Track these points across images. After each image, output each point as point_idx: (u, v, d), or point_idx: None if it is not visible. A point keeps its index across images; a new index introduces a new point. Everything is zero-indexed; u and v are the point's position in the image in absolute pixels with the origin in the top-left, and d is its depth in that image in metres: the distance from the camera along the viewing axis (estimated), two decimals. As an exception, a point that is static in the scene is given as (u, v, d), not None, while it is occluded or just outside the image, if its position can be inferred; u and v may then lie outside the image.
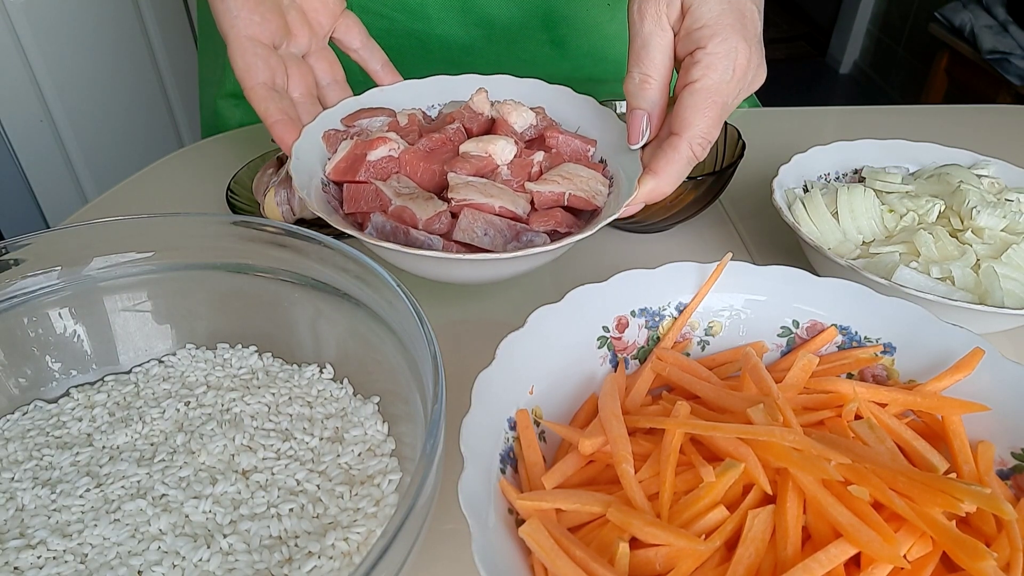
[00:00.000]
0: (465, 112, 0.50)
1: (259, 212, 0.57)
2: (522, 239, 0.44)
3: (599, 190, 0.46)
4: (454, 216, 0.43)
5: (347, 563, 0.32)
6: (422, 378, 0.33)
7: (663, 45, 0.43)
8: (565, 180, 0.45)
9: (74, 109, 1.46)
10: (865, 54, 2.98)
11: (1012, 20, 1.89)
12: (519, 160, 0.47)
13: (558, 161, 0.48)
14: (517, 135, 0.49)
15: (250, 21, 0.48)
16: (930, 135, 0.64)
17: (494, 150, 0.46)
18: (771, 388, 0.33)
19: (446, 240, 0.43)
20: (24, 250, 0.38)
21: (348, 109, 0.52)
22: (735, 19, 0.41)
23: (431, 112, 0.55)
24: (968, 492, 0.28)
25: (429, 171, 0.46)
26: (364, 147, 0.46)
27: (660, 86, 0.44)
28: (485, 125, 0.51)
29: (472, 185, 0.44)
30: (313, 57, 0.53)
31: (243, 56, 0.48)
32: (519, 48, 0.71)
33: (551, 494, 0.31)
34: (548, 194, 0.45)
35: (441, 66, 0.71)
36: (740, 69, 0.41)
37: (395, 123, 0.50)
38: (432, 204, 0.43)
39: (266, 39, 0.49)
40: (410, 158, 0.46)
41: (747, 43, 0.41)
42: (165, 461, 0.37)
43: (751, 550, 0.28)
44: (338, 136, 0.49)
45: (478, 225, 0.42)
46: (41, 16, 1.34)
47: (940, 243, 0.49)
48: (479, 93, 0.51)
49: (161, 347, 0.44)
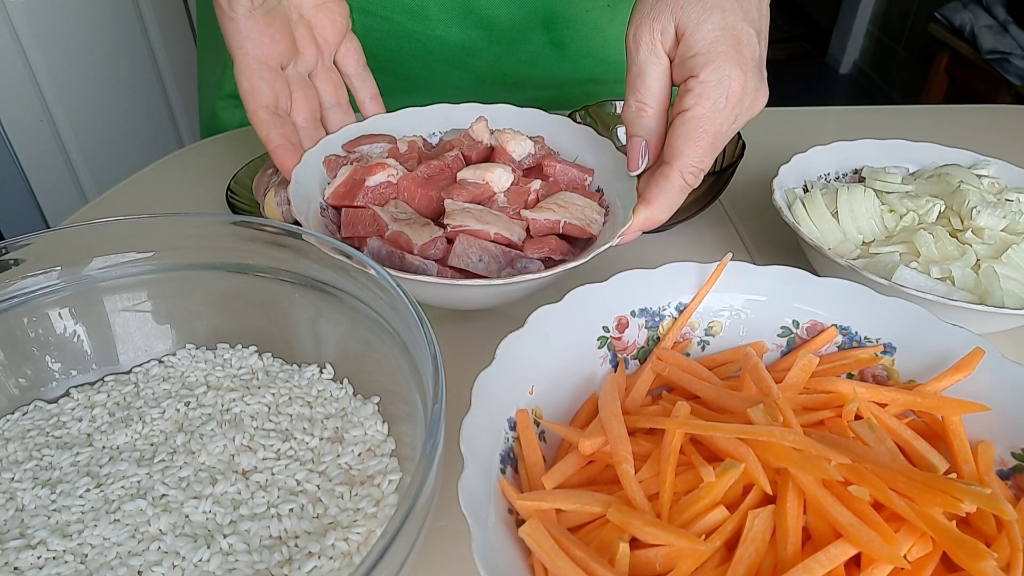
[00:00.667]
0: (464, 140, 0.51)
1: (259, 212, 0.57)
2: (516, 266, 0.44)
3: (594, 218, 0.47)
4: (450, 242, 0.44)
5: (347, 563, 0.32)
6: (422, 378, 0.33)
7: (658, 73, 0.42)
8: (561, 208, 0.46)
9: (74, 109, 1.46)
10: (865, 54, 2.98)
11: (1012, 20, 1.89)
12: (516, 188, 0.48)
13: (555, 189, 0.49)
14: (515, 163, 0.50)
15: (259, 42, 0.47)
16: (930, 135, 0.64)
17: (491, 178, 0.47)
18: (771, 388, 0.33)
19: (441, 266, 0.44)
20: (24, 250, 0.38)
21: (349, 135, 0.52)
22: (730, 46, 0.40)
23: (432, 139, 0.56)
24: (968, 492, 0.28)
25: (427, 197, 0.47)
26: (363, 172, 0.47)
27: (656, 113, 0.44)
28: (484, 153, 0.52)
29: (468, 212, 0.45)
30: (318, 77, 0.53)
31: (248, 78, 0.47)
32: (519, 49, 0.71)
33: (551, 494, 0.31)
34: (543, 222, 0.46)
35: (441, 67, 0.71)
36: (734, 97, 0.40)
37: (395, 149, 0.51)
38: (428, 230, 0.44)
39: (273, 61, 0.48)
40: (408, 184, 0.47)
41: (742, 70, 0.40)
42: (165, 461, 0.37)
43: (751, 550, 0.28)
44: (338, 161, 0.50)
45: (473, 251, 0.43)
46: (41, 16, 1.34)
47: (940, 243, 0.49)
48: (479, 122, 0.52)
49: (161, 347, 0.44)
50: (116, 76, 1.51)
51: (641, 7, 0.42)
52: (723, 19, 0.40)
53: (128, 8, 1.49)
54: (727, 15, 0.40)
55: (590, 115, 0.64)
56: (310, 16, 0.51)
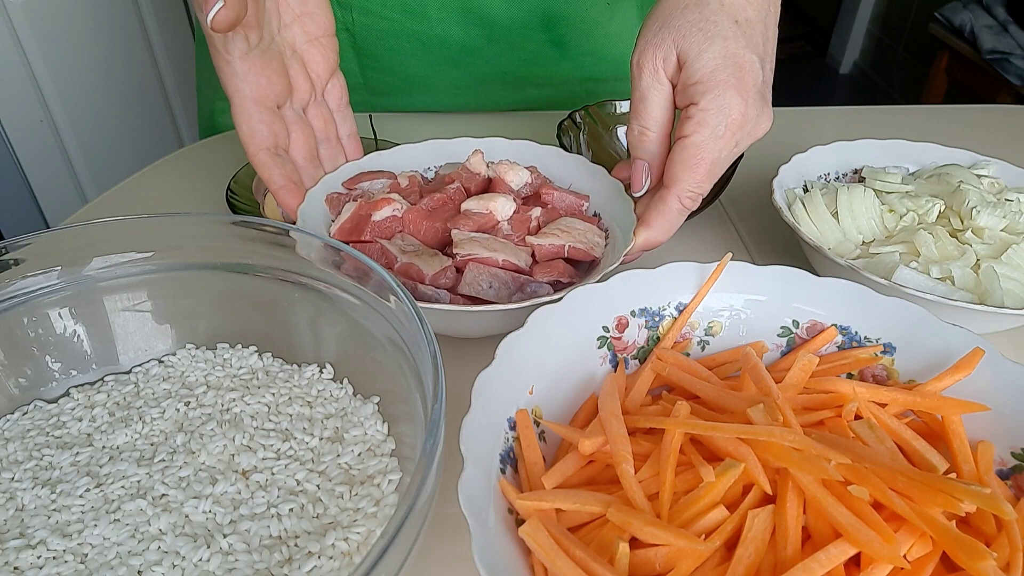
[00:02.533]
0: (463, 172, 0.53)
1: (259, 212, 0.57)
2: (526, 290, 0.45)
3: (596, 242, 0.48)
4: (459, 271, 0.45)
5: (347, 563, 0.32)
6: (422, 378, 0.33)
7: (660, 99, 0.44)
8: (564, 233, 0.48)
9: (74, 109, 1.46)
10: (865, 54, 2.98)
11: (1012, 20, 1.89)
12: (518, 216, 0.49)
13: (554, 216, 0.51)
14: (514, 193, 0.52)
15: (256, 84, 0.47)
16: (930, 135, 0.64)
17: (495, 207, 0.48)
18: (771, 388, 0.33)
19: (452, 294, 0.44)
20: (24, 250, 0.38)
21: (349, 173, 0.54)
22: (730, 74, 0.40)
23: (428, 174, 0.58)
24: (968, 492, 0.28)
25: (432, 229, 0.48)
26: (368, 208, 0.48)
27: (659, 138, 0.45)
28: (482, 184, 0.53)
29: (476, 240, 0.46)
30: (310, 112, 0.53)
31: (248, 121, 0.47)
32: (519, 48, 0.71)
33: (551, 494, 0.31)
34: (549, 246, 0.47)
35: (441, 67, 0.71)
36: (734, 125, 0.41)
37: (396, 184, 0.52)
38: (438, 260, 0.45)
39: (271, 102, 0.48)
40: (413, 217, 0.48)
41: (743, 98, 0.41)
42: (165, 461, 0.37)
43: (751, 550, 0.28)
44: (341, 199, 0.51)
45: (483, 278, 0.44)
46: (41, 16, 1.34)
47: (940, 243, 0.49)
48: (475, 155, 0.53)
49: (161, 347, 0.44)
50: (116, 76, 1.51)
51: (645, 33, 0.43)
52: (724, 47, 0.41)
53: (128, 8, 1.49)
54: (729, 43, 0.41)
55: (590, 115, 0.64)
56: (303, 51, 0.51)
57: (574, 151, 0.60)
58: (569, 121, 0.62)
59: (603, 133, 0.65)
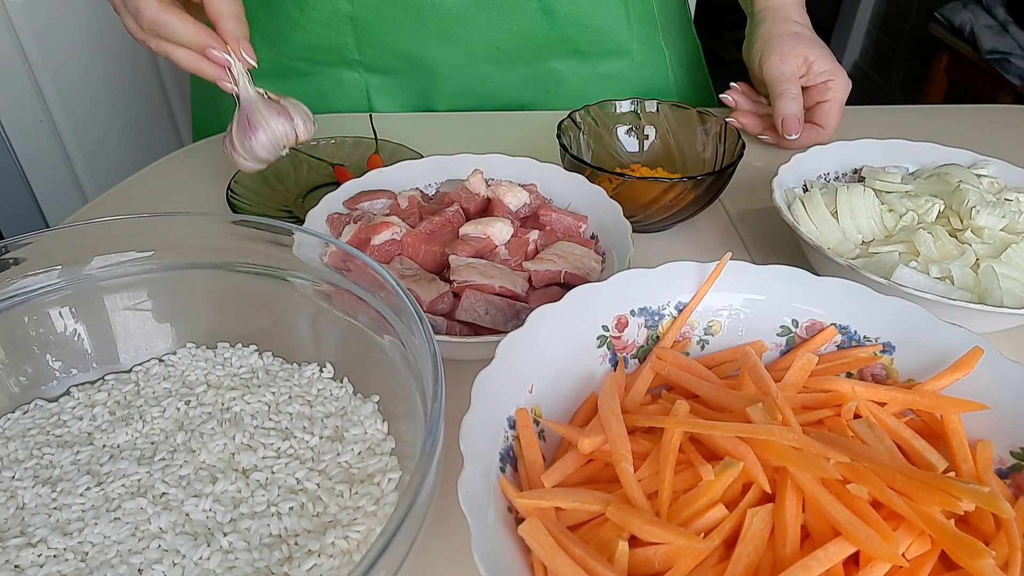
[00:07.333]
0: (462, 193, 0.53)
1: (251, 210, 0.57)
2: (522, 317, 0.45)
3: (592, 267, 0.49)
4: (456, 296, 0.45)
5: (347, 561, 0.32)
6: (422, 377, 0.33)
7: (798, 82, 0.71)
8: (560, 259, 0.48)
9: (74, 109, 1.46)
10: (865, 54, 2.97)
11: (1012, 20, 1.89)
12: (516, 240, 0.50)
13: (552, 238, 0.51)
14: (512, 214, 0.53)
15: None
16: (930, 135, 0.64)
17: (492, 232, 0.49)
18: (770, 387, 0.33)
19: (449, 320, 0.45)
20: (24, 250, 0.38)
21: (349, 192, 0.54)
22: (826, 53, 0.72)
23: (428, 191, 0.58)
24: (967, 491, 0.28)
25: (431, 253, 0.49)
26: (368, 232, 0.49)
27: (801, 101, 0.70)
28: (481, 205, 0.54)
29: (472, 267, 0.46)
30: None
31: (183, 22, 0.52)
32: (509, 18, 0.72)
33: (550, 493, 0.31)
34: (545, 272, 0.47)
35: (434, 40, 0.73)
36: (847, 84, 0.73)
37: (396, 205, 0.53)
38: (435, 286, 0.45)
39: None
40: (412, 241, 0.49)
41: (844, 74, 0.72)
42: (165, 460, 0.37)
43: (750, 548, 0.28)
44: (341, 220, 0.52)
45: (479, 305, 0.44)
46: (41, 16, 1.34)
47: (939, 243, 0.49)
48: (475, 175, 0.54)
49: (161, 346, 0.44)
50: (116, 76, 1.51)
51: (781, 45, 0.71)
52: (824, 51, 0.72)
53: (128, 8, 1.49)
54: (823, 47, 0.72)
55: (590, 115, 0.64)
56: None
57: (574, 151, 0.60)
58: (569, 121, 0.62)
59: (603, 133, 0.65)
